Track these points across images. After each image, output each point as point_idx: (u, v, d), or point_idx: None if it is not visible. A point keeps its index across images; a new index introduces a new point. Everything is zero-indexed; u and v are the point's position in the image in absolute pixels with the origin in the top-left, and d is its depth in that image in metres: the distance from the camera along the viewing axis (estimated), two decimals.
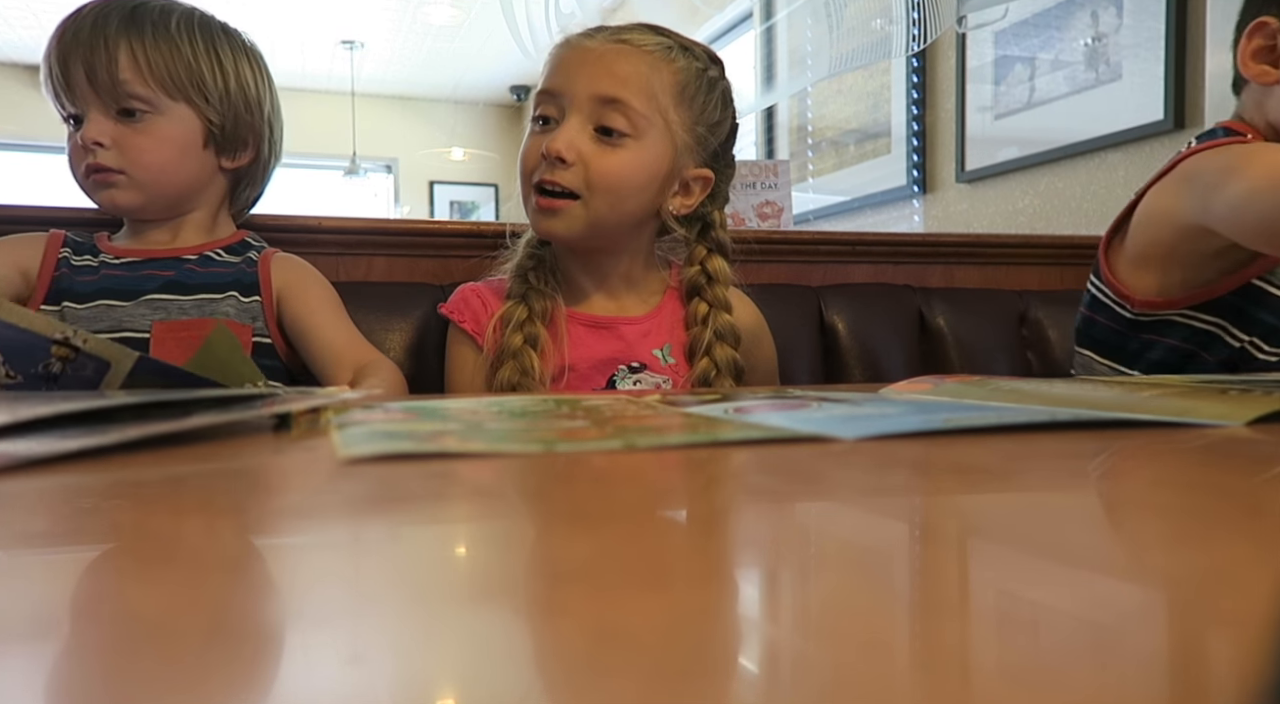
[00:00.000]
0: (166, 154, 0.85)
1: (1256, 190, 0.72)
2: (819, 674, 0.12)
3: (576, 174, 0.81)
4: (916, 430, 0.35)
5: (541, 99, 0.84)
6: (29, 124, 5.54)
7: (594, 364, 0.86)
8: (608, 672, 0.12)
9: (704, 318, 0.88)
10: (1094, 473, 0.31)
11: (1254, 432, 0.36)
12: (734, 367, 0.87)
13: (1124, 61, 1.86)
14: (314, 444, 0.36)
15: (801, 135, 3.16)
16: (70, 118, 0.84)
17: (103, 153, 0.82)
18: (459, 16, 4.88)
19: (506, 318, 0.84)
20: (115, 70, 0.81)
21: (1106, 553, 0.19)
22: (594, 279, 0.90)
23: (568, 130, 0.80)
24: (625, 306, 0.90)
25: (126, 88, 0.82)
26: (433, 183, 6.42)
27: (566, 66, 0.83)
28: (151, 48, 0.83)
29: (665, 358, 0.88)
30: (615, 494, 0.26)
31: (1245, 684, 0.11)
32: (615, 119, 0.81)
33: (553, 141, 0.80)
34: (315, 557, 0.19)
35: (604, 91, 0.81)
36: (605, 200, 0.82)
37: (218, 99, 0.87)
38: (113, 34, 0.82)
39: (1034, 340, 1.30)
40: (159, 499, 0.25)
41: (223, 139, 0.89)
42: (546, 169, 0.81)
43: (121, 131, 0.83)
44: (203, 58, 0.86)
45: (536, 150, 0.82)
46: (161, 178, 0.85)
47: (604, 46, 0.83)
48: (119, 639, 0.13)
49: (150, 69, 0.83)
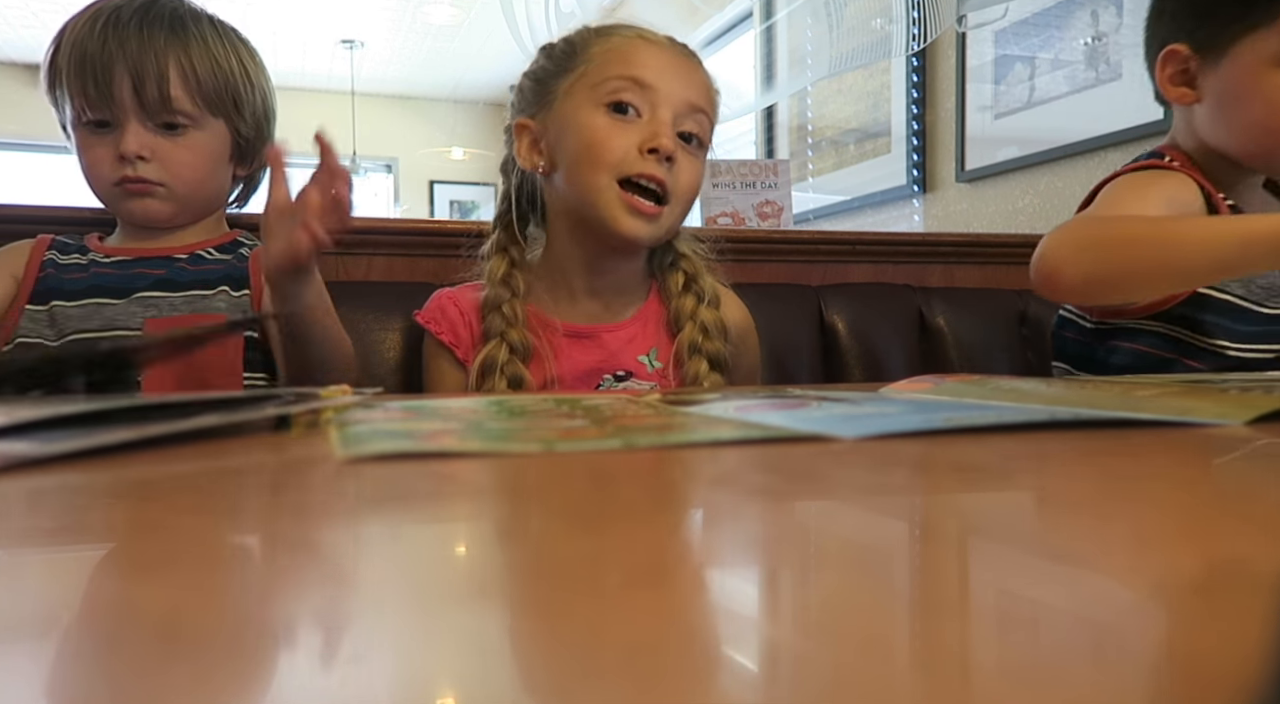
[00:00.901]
0: (205, 167, 0.86)
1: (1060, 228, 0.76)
2: (819, 674, 0.12)
3: (674, 178, 0.78)
4: (916, 430, 0.35)
5: (624, 85, 0.77)
6: (29, 124, 5.54)
7: (579, 375, 0.83)
8: (607, 671, 0.12)
9: (691, 313, 0.85)
10: (1094, 472, 0.31)
11: (1254, 431, 0.36)
12: (722, 361, 0.85)
13: (1124, 61, 1.86)
14: (313, 444, 0.36)
15: (801, 135, 3.16)
16: (92, 123, 0.82)
17: (143, 166, 0.82)
18: (459, 16, 4.88)
19: (489, 361, 0.80)
20: (166, 87, 0.81)
21: (1106, 552, 0.19)
22: (594, 287, 0.86)
23: (669, 127, 0.77)
24: (610, 311, 0.86)
25: (176, 104, 0.82)
26: (433, 182, 6.42)
27: (658, 61, 0.79)
28: (200, 63, 0.83)
29: (651, 363, 0.85)
30: (614, 494, 0.26)
31: (1245, 684, 0.11)
32: (693, 126, 0.79)
33: (662, 138, 0.75)
34: (315, 556, 0.19)
35: (696, 99, 0.79)
36: (681, 210, 0.81)
37: (249, 113, 0.88)
38: (162, 47, 0.81)
39: (1034, 340, 1.30)
40: (157, 498, 0.25)
41: (245, 149, 0.90)
42: (650, 164, 0.76)
43: (161, 144, 0.82)
44: (238, 73, 0.87)
45: (625, 139, 0.77)
46: (197, 190, 0.86)
47: (684, 53, 0.82)
48: (116, 638, 0.13)
49: (199, 87, 0.83)
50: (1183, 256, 0.68)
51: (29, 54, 5.34)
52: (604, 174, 0.77)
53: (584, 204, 0.79)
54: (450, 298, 0.87)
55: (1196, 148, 0.86)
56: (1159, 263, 0.70)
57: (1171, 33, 0.84)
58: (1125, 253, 0.71)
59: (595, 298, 0.86)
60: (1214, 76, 0.81)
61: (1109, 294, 0.78)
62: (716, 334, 0.85)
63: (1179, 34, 0.83)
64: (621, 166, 0.76)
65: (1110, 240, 0.73)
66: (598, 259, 0.84)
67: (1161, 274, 0.71)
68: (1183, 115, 0.87)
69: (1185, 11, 0.83)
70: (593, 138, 0.77)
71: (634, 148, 0.76)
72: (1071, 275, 0.73)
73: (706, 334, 0.85)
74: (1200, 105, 0.83)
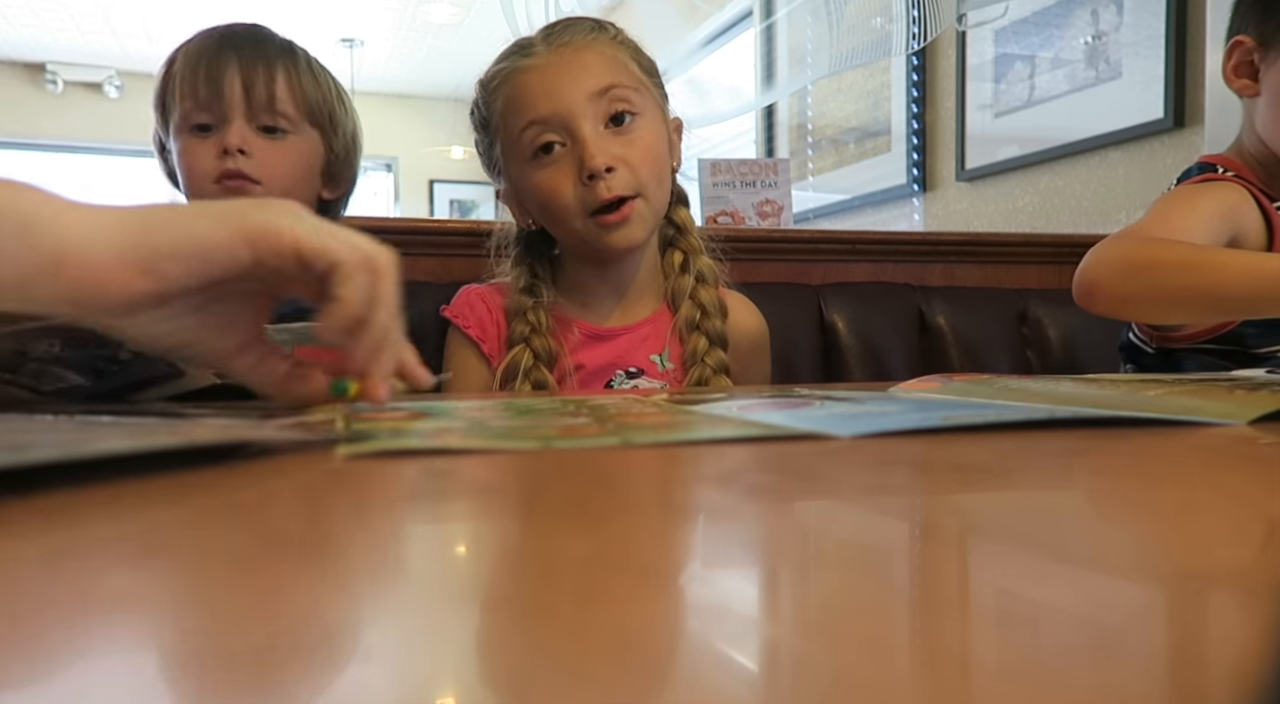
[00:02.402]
0: (298, 172, 0.89)
1: (1106, 243, 0.78)
2: (819, 673, 0.12)
3: (624, 176, 0.78)
4: (915, 428, 0.35)
5: (533, 133, 0.79)
6: (29, 122, 5.54)
7: (592, 370, 0.85)
8: (606, 671, 0.12)
9: (688, 291, 0.86)
10: (1094, 471, 0.31)
11: (1257, 431, 0.36)
12: (722, 338, 0.85)
13: (1124, 60, 1.86)
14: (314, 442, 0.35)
15: (801, 134, 3.16)
16: (197, 127, 0.86)
17: (243, 160, 0.84)
18: (459, 15, 4.88)
19: (513, 367, 0.82)
20: (273, 88, 0.86)
21: (1107, 551, 0.19)
22: (614, 286, 0.88)
23: (592, 140, 0.77)
24: (632, 313, 0.88)
25: (278, 105, 0.86)
26: (432, 181, 6.42)
27: (542, 83, 0.79)
28: (304, 77, 0.89)
29: (663, 363, 0.86)
30: (612, 492, 0.26)
31: (1245, 684, 0.11)
32: (618, 104, 0.79)
33: (590, 159, 0.76)
34: (315, 556, 0.19)
35: (598, 82, 0.78)
36: (656, 183, 0.81)
37: (342, 133, 0.93)
38: (272, 57, 0.87)
39: (1034, 339, 1.30)
40: (156, 498, 0.25)
41: (334, 170, 0.94)
42: (595, 190, 0.77)
43: (261, 143, 0.86)
44: (334, 96, 0.93)
45: (568, 181, 0.78)
46: (289, 194, 0.88)
47: (564, 46, 0.80)
48: (112, 637, 0.13)
49: (303, 93, 0.88)
50: (1221, 286, 0.70)
51: (29, 54, 5.34)
52: (572, 220, 0.80)
53: (573, 245, 0.85)
54: (479, 294, 0.89)
55: (1258, 146, 0.87)
56: (1197, 291, 0.71)
57: (1242, 24, 0.86)
58: (1165, 278, 0.73)
59: (618, 298, 0.88)
60: (1275, 70, 0.83)
61: (1144, 315, 0.80)
62: (715, 312, 0.86)
63: (1247, 26, 0.86)
64: (582, 206, 0.79)
65: (1153, 263, 0.74)
66: (609, 263, 0.86)
67: (1199, 302, 0.72)
68: (1248, 111, 0.89)
69: (1253, 3, 0.86)
70: (542, 200, 0.81)
71: (578, 183, 0.78)
72: (1110, 294, 0.76)
73: (705, 312, 0.86)
74: (1260, 98, 0.85)
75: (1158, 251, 0.75)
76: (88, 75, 5.50)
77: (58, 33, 5.03)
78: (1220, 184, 0.85)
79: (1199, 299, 0.72)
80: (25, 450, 0.25)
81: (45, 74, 5.47)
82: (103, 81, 5.53)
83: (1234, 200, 0.83)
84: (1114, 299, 0.76)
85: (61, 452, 0.25)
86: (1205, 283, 0.70)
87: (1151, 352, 0.93)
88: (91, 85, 5.57)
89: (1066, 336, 1.27)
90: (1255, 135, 0.87)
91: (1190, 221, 0.80)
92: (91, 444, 0.26)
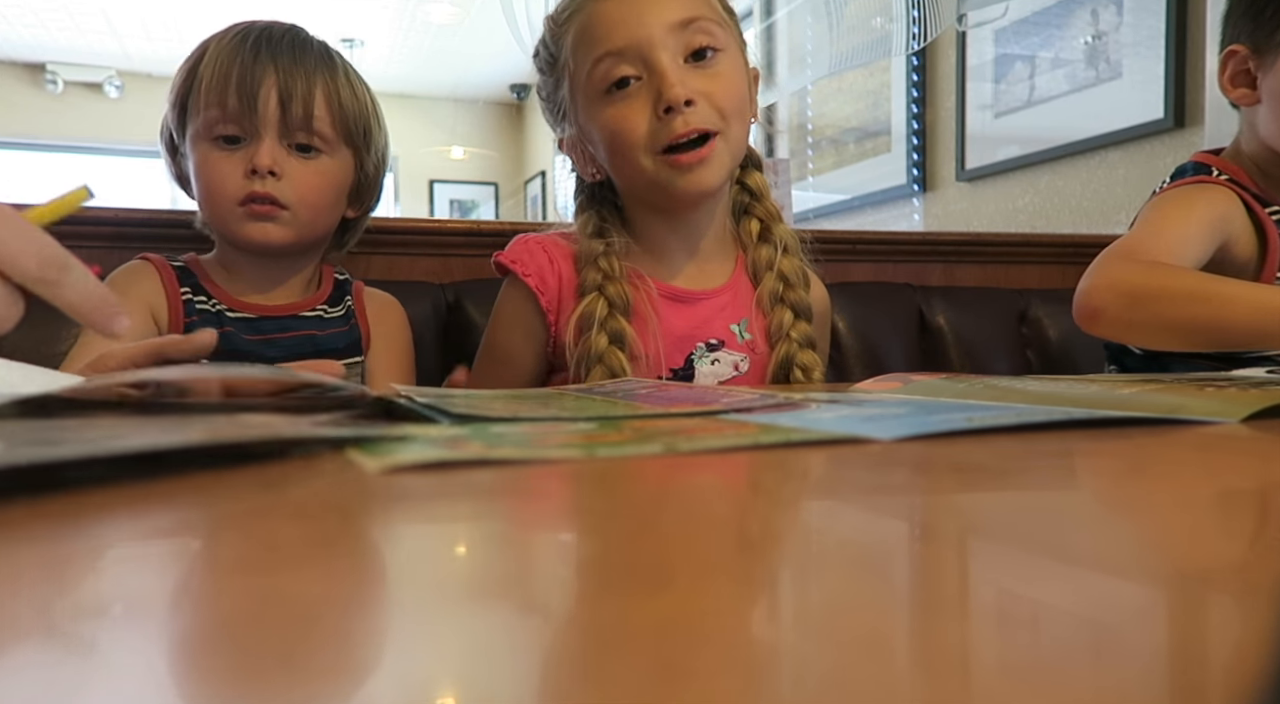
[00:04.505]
0: (330, 195, 0.84)
1: (1107, 263, 0.78)
2: (819, 674, 0.12)
3: (704, 111, 0.72)
4: (947, 430, 0.35)
5: (608, 65, 0.73)
6: (29, 123, 5.54)
7: (673, 341, 0.79)
8: (606, 671, 0.12)
9: (769, 262, 0.81)
10: (1092, 471, 0.31)
11: (1249, 428, 0.36)
12: (807, 311, 0.81)
13: (1124, 60, 1.86)
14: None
15: (801, 133, 3.16)
16: (223, 138, 0.79)
17: (273, 182, 0.79)
18: (459, 15, 4.88)
19: (587, 316, 0.76)
20: (311, 105, 0.80)
21: (1106, 551, 0.19)
22: (684, 240, 0.82)
23: (672, 70, 0.72)
24: (706, 275, 0.83)
25: (316, 124, 0.80)
26: (432, 181, 6.41)
27: (619, 12, 0.74)
28: (344, 92, 0.83)
29: (742, 334, 0.81)
30: (612, 493, 0.26)
31: (1245, 684, 0.11)
32: (701, 38, 0.73)
33: (669, 89, 0.71)
34: (315, 556, 0.19)
35: (680, 13, 0.73)
36: (737, 123, 0.75)
37: (374, 151, 0.87)
38: (312, 69, 0.81)
39: (1034, 339, 1.30)
40: (155, 498, 0.25)
41: (361, 189, 0.89)
42: (671, 124, 0.72)
43: (292, 163, 0.80)
44: (371, 111, 0.86)
45: (641, 114, 0.73)
46: (316, 219, 0.83)
47: None
48: (111, 637, 0.13)
49: (341, 111, 0.82)
50: (1228, 320, 0.70)
51: (29, 54, 5.33)
52: (641, 158, 0.74)
53: (641, 188, 0.78)
54: (538, 242, 0.82)
55: (1258, 151, 0.88)
56: (1203, 322, 0.71)
57: (1235, 34, 0.87)
58: (1172, 309, 0.73)
59: (690, 255, 0.83)
60: (1272, 76, 0.83)
61: (1148, 342, 0.81)
62: (798, 282, 0.82)
63: (1240, 35, 0.86)
64: (653, 143, 0.73)
65: (1159, 293, 0.74)
66: (679, 215, 0.81)
67: (1204, 333, 0.73)
68: (1247, 118, 0.89)
69: (1244, 13, 0.86)
70: (610, 136, 0.75)
71: (653, 118, 0.73)
72: (1114, 321, 0.76)
73: (787, 283, 0.81)
74: (1260, 106, 0.85)
75: (1165, 280, 0.74)
76: (88, 75, 5.49)
77: (58, 33, 5.03)
78: (1213, 188, 0.85)
79: (1205, 331, 0.72)
80: (55, 446, 0.25)
81: (45, 74, 5.47)
82: (103, 82, 5.53)
83: (1225, 207, 0.84)
84: (1119, 326, 0.76)
85: (90, 448, 0.25)
86: (1212, 316, 0.70)
87: (1138, 353, 0.93)
88: (91, 85, 5.57)
89: (1066, 337, 1.27)
90: (1255, 140, 0.87)
91: (1184, 231, 0.81)
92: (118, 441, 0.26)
